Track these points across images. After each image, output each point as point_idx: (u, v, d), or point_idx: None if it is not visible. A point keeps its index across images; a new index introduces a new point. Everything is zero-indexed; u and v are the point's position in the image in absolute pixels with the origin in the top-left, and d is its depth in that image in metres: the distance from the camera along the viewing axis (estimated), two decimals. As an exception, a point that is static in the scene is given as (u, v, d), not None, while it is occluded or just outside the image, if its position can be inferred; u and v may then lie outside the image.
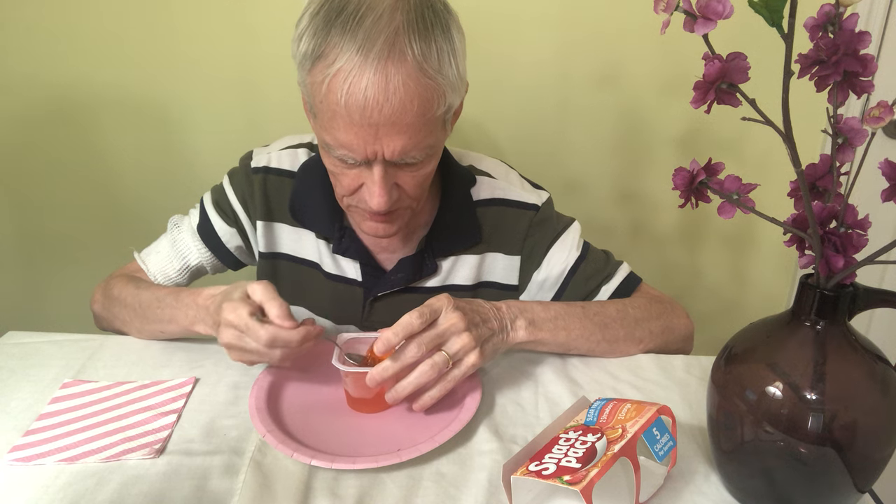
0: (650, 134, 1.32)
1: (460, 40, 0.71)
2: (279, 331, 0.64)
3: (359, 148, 0.68)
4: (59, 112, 1.32)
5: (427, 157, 0.73)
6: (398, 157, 0.69)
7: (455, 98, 0.71)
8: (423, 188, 0.78)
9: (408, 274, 0.86)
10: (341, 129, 0.67)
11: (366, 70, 0.63)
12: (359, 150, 0.68)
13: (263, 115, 1.31)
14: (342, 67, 0.64)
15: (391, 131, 0.67)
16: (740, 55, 0.48)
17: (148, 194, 1.38)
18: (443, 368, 0.66)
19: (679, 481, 0.61)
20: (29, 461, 0.62)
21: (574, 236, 0.89)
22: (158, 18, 1.24)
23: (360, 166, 0.71)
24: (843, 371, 0.52)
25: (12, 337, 0.83)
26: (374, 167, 0.70)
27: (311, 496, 0.58)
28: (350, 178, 0.73)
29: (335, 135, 0.68)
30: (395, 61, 0.64)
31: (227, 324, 0.67)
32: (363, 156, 0.69)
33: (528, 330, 0.76)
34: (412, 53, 0.64)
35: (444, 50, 0.67)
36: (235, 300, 0.67)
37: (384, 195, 0.71)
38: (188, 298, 0.76)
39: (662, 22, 0.47)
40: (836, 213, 0.52)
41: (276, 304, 0.65)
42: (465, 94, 0.75)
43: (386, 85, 0.64)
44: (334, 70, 0.64)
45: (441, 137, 0.74)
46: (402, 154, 0.69)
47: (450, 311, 0.68)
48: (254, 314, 0.65)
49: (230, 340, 0.67)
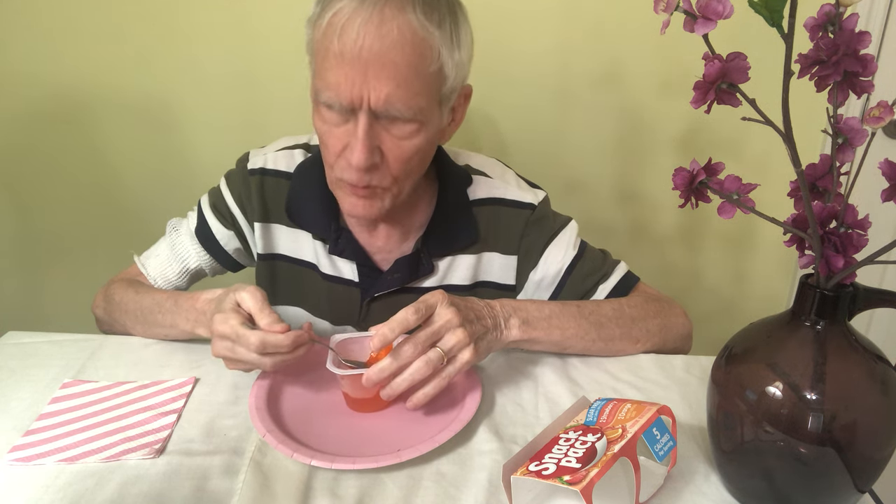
0: (650, 134, 1.32)
1: (465, 29, 0.74)
2: (269, 335, 0.64)
3: (346, 89, 0.69)
4: (59, 112, 1.32)
5: (414, 122, 0.73)
6: (383, 106, 0.70)
7: (451, 67, 0.73)
8: (408, 168, 0.76)
9: (404, 274, 0.86)
10: (332, 69, 0.69)
11: (363, 10, 0.67)
12: (345, 91, 0.69)
13: (263, 115, 1.31)
14: (341, 9, 0.68)
15: (380, 73, 0.68)
16: (740, 55, 0.48)
17: (147, 194, 1.38)
18: (437, 365, 0.66)
19: (679, 481, 0.61)
20: (29, 461, 0.62)
21: (571, 235, 0.89)
22: (159, 18, 1.24)
23: (346, 123, 0.72)
24: (843, 371, 0.52)
25: (12, 337, 0.83)
26: (359, 117, 0.71)
27: (311, 496, 0.58)
28: (336, 137, 0.73)
29: (325, 76, 0.70)
30: (393, 8, 0.67)
31: (218, 335, 0.67)
32: (349, 99, 0.69)
33: (522, 328, 0.75)
34: (413, 9, 0.68)
35: (447, 21, 0.71)
36: (226, 311, 0.66)
37: (364, 150, 0.71)
38: (187, 304, 0.76)
39: (662, 22, 0.47)
40: (836, 213, 0.52)
41: (265, 314, 0.65)
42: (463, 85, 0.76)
43: (380, 25, 0.67)
44: (333, 11, 0.68)
45: (433, 110, 0.74)
46: (387, 101, 0.69)
47: (444, 307, 0.68)
48: (244, 323, 0.65)
49: (223, 353, 0.67)
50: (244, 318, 0.66)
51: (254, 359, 0.65)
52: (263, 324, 0.65)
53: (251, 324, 0.66)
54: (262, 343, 0.64)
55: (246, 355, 0.65)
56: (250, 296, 0.67)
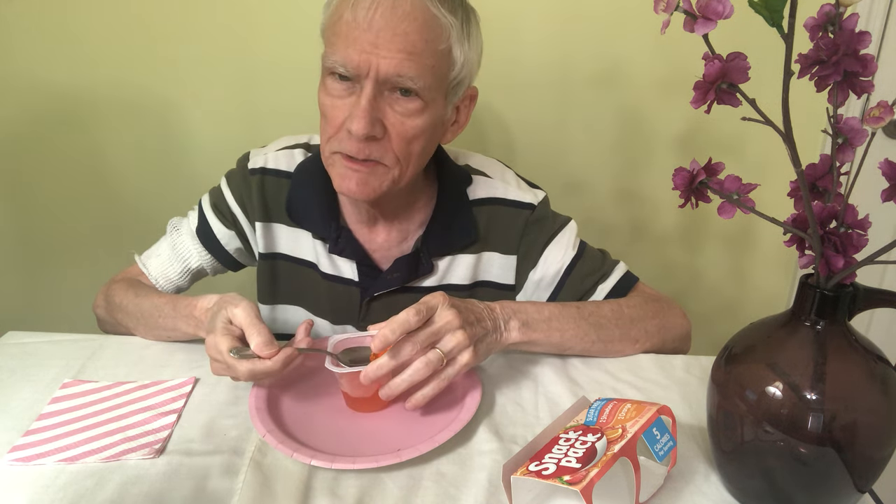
0: (650, 134, 1.32)
1: (476, 31, 0.77)
2: (258, 365, 0.64)
3: (354, 55, 0.69)
4: (59, 112, 1.32)
5: (419, 99, 0.73)
6: (393, 74, 0.70)
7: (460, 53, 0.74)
8: (409, 148, 0.76)
9: (404, 273, 0.86)
10: (342, 36, 0.70)
11: None
12: (354, 57, 0.69)
13: (263, 114, 1.31)
14: None
15: (390, 42, 0.69)
16: (740, 55, 0.48)
17: (148, 194, 1.38)
18: (437, 366, 0.66)
19: (679, 481, 0.61)
20: (29, 461, 0.62)
21: (570, 235, 0.89)
22: (159, 18, 1.24)
23: (350, 96, 0.72)
24: (843, 371, 0.52)
25: (12, 337, 0.83)
26: (364, 85, 0.71)
27: (311, 496, 0.58)
28: (339, 109, 0.73)
29: (335, 44, 0.71)
30: None
31: (211, 358, 0.67)
32: (356, 64, 0.70)
33: (522, 331, 0.75)
34: None
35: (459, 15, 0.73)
36: (217, 332, 0.66)
37: (366, 117, 0.71)
38: (185, 311, 0.76)
39: (662, 22, 0.47)
40: (836, 213, 0.52)
41: (255, 332, 0.64)
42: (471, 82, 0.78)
43: None
44: None
45: (438, 94, 0.75)
46: (396, 70, 0.70)
47: (445, 308, 0.68)
48: (234, 346, 0.65)
49: (220, 372, 0.68)
50: (234, 339, 0.65)
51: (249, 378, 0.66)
52: (254, 344, 0.64)
53: (242, 342, 0.66)
54: (251, 374, 0.65)
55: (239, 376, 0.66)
56: (243, 311, 0.66)
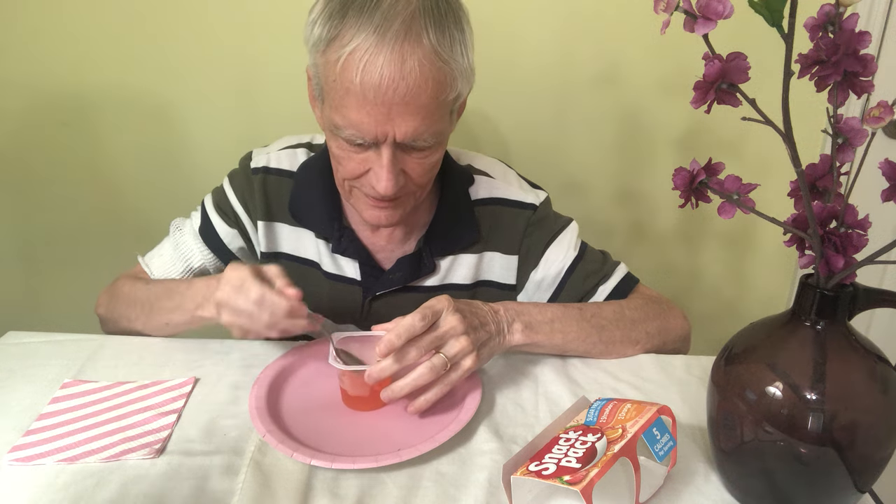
0: (650, 134, 1.32)
1: (469, 34, 0.73)
2: (269, 293, 0.67)
3: (369, 128, 0.68)
4: (60, 112, 1.32)
5: (436, 144, 0.73)
6: (409, 140, 0.69)
7: (464, 87, 0.73)
8: (430, 176, 0.78)
9: (406, 273, 0.86)
10: (353, 108, 0.68)
11: (382, 49, 0.64)
12: (369, 130, 0.68)
13: (264, 114, 1.31)
14: (359, 46, 0.65)
15: (404, 112, 0.67)
16: (740, 55, 0.48)
17: (148, 194, 1.38)
18: (440, 371, 0.66)
19: (679, 481, 0.61)
20: (29, 461, 0.62)
21: (571, 236, 0.90)
22: (159, 19, 1.24)
23: (367, 150, 0.72)
24: (843, 371, 0.52)
25: (12, 337, 0.83)
26: (382, 150, 0.70)
27: (311, 496, 0.58)
28: (356, 162, 0.73)
29: (346, 114, 0.68)
30: (412, 43, 0.65)
31: (226, 281, 0.68)
32: (373, 136, 0.69)
33: (525, 333, 0.76)
34: (427, 37, 0.66)
35: (457, 39, 0.69)
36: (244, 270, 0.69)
37: (391, 179, 0.71)
38: (201, 283, 0.77)
39: (662, 22, 0.47)
40: (836, 213, 0.52)
41: (283, 281, 0.69)
42: (470, 88, 0.76)
43: (402, 65, 0.65)
44: (351, 48, 0.65)
45: (449, 126, 0.75)
46: (413, 136, 0.69)
47: (450, 313, 0.68)
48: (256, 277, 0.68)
49: (223, 297, 0.69)
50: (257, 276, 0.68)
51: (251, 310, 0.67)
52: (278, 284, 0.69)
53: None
54: (261, 297, 0.67)
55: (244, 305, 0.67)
56: (276, 268, 0.71)
